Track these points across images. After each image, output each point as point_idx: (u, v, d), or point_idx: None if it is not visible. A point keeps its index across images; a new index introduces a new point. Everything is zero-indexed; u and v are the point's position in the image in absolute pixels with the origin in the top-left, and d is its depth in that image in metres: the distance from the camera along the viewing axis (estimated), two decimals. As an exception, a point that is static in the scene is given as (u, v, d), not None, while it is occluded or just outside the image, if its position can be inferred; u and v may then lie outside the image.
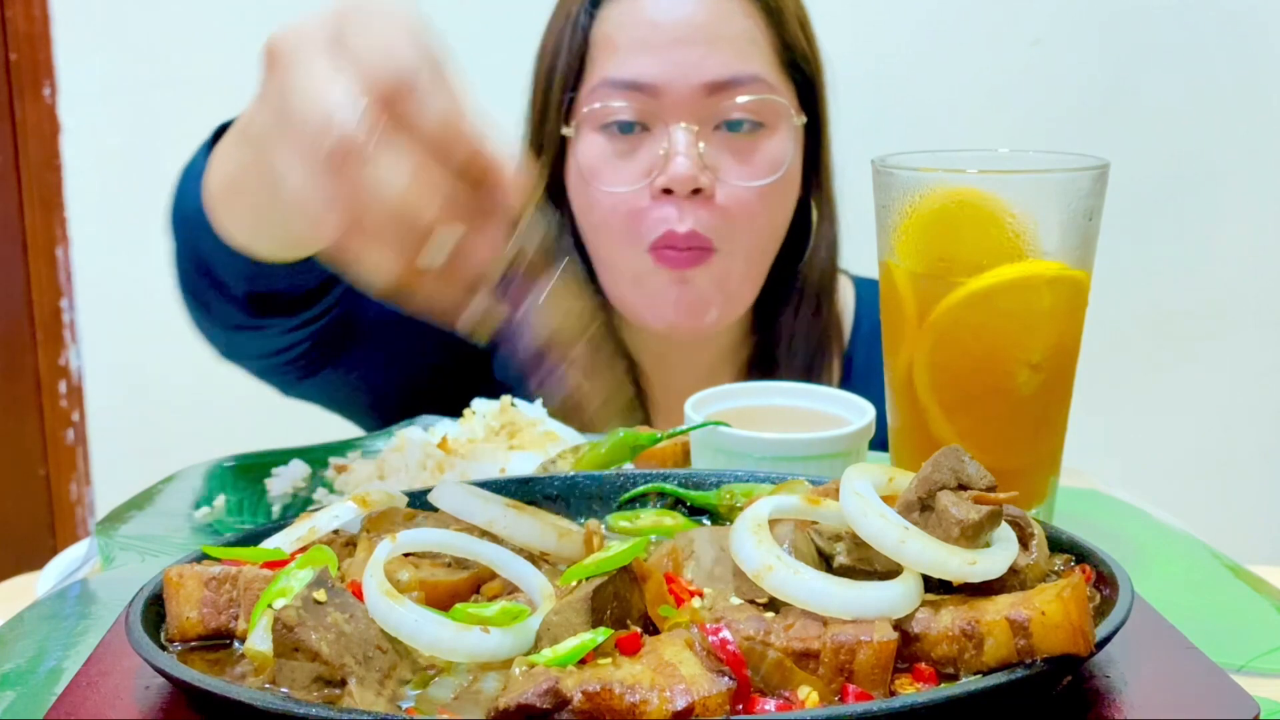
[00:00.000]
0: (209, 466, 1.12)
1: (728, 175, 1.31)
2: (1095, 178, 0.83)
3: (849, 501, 0.60)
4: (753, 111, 1.31)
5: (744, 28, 1.32)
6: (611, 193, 1.32)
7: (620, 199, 1.32)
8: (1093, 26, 2.28)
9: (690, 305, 1.35)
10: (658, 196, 1.30)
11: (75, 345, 2.47)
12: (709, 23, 1.31)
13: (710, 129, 1.31)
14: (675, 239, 1.30)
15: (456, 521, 0.70)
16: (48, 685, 0.70)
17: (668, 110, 1.30)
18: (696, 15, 1.31)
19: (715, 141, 1.32)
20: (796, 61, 1.37)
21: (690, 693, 0.51)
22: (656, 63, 1.29)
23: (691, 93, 1.29)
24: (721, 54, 1.30)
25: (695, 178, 1.28)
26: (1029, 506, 0.87)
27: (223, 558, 0.66)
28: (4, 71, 2.34)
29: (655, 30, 1.30)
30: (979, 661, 0.55)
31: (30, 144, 2.37)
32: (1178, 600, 0.76)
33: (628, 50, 1.31)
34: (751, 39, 1.33)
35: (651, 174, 1.30)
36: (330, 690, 0.55)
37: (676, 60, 1.29)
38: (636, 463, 0.96)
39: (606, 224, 1.34)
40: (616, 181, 1.32)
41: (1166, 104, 2.30)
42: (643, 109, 1.31)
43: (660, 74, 1.29)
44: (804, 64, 1.38)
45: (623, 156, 1.32)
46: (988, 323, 0.84)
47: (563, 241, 1.37)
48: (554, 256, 0.80)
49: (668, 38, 1.30)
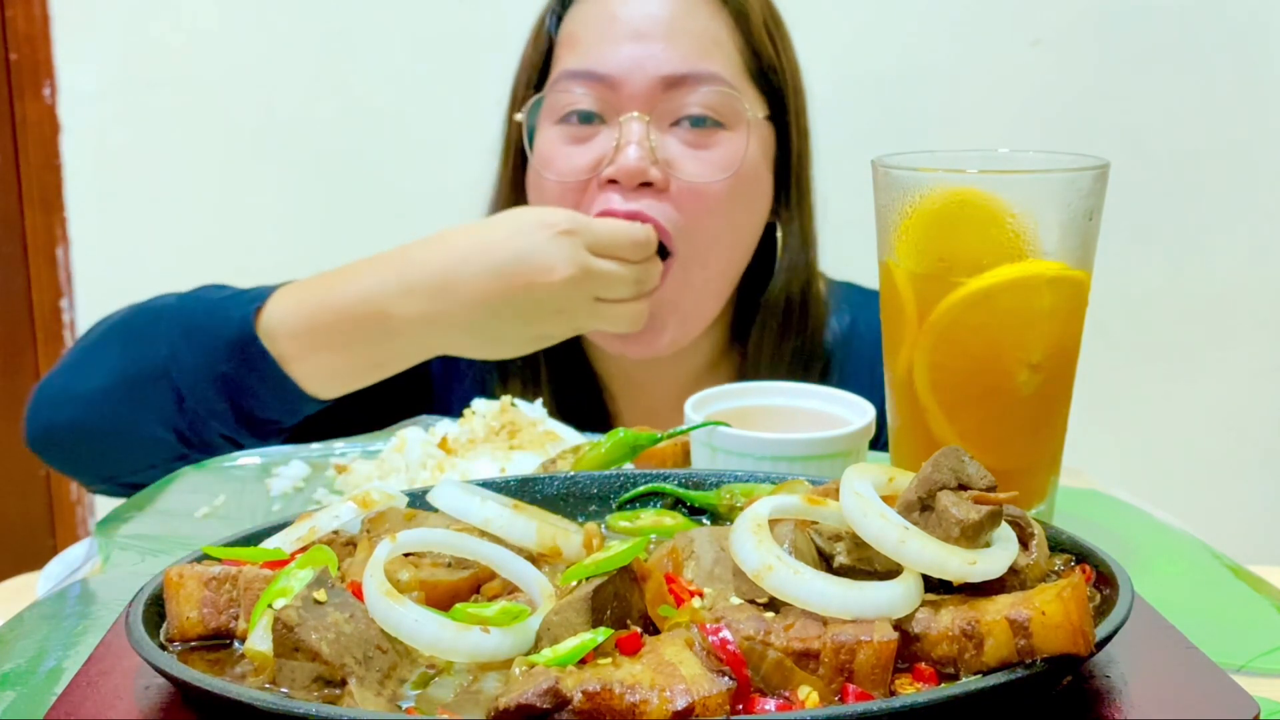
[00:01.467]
0: (209, 466, 1.12)
1: (681, 171, 1.28)
2: (1095, 178, 0.83)
3: (849, 501, 0.60)
4: (710, 108, 1.29)
5: (707, 27, 1.31)
6: (560, 181, 1.31)
7: (567, 188, 1.30)
8: (1093, 27, 2.28)
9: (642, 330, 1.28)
10: (604, 187, 1.28)
11: (75, 345, 2.47)
12: (670, 19, 1.30)
13: (667, 124, 1.29)
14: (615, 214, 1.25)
15: (456, 521, 0.70)
16: (48, 685, 0.70)
17: (624, 102, 1.28)
18: (658, 11, 1.30)
19: (670, 136, 1.29)
20: (764, 70, 1.35)
21: (690, 693, 0.51)
22: (614, 54, 1.29)
23: (648, 85, 1.28)
24: (680, 49, 1.29)
25: (644, 170, 1.26)
26: (1029, 506, 0.87)
27: (223, 558, 0.66)
28: (4, 71, 2.34)
29: (616, 24, 1.30)
30: (979, 661, 0.55)
31: (30, 144, 2.37)
32: (1178, 600, 0.76)
33: (588, 44, 1.31)
34: (715, 39, 1.31)
35: (602, 164, 1.28)
36: (330, 690, 0.55)
37: (634, 53, 1.28)
38: (636, 463, 0.96)
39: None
40: (566, 170, 1.31)
41: (1166, 104, 2.30)
42: (599, 100, 1.30)
43: (617, 65, 1.28)
44: (771, 74, 1.36)
45: (575, 146, 1.31)
46: (988, 323, 0.84)
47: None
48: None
49: (628, 30, 1.29)
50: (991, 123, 2.29)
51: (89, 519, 2.51)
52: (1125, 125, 2.29)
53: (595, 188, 1.29)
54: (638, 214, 1.26)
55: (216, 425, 1.23)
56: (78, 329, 2.45)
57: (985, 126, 2.29)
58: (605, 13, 1.32)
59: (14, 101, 2.35)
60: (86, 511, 2.53)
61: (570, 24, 1.35)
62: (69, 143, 2.37)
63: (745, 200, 1.34)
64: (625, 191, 1.27)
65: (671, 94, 1.28)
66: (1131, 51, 2.28)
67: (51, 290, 2.43)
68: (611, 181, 1.27)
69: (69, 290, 2.44)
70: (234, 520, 1.00)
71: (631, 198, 1.27)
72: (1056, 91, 2.29)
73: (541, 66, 1.37)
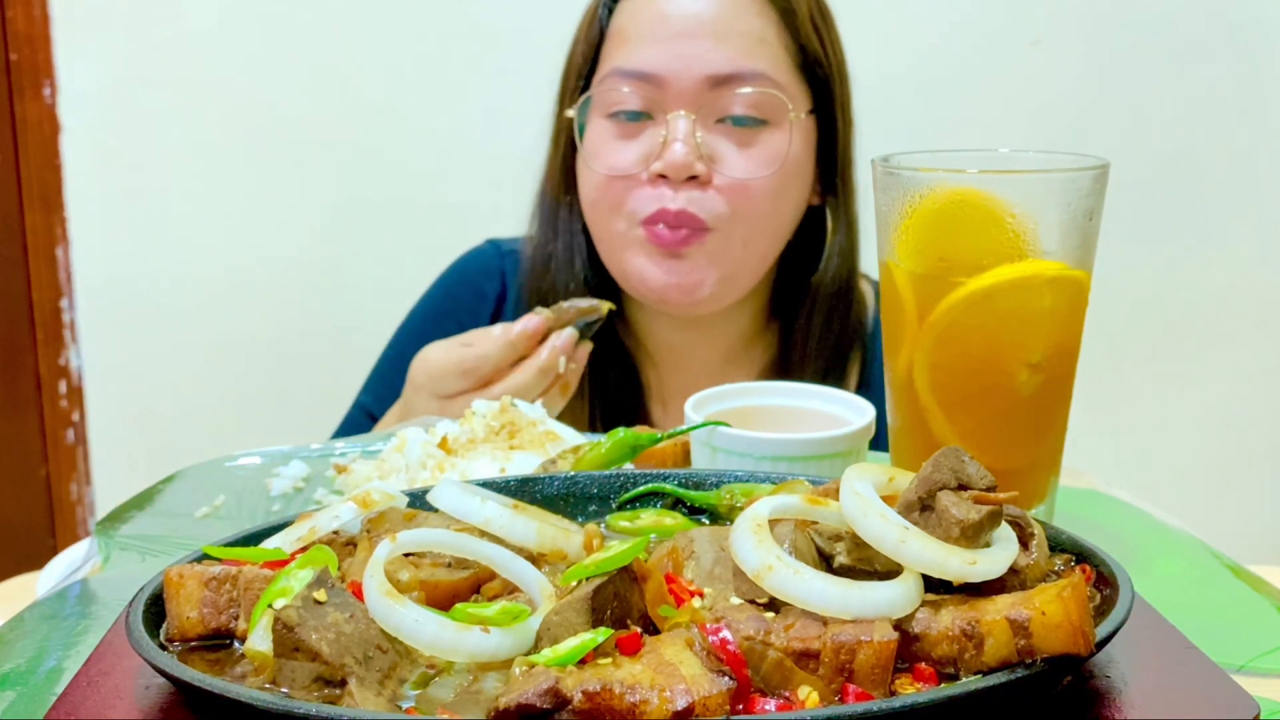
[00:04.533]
0: (209, 466, 1.12)
1: (725, 167, 1.34)
2: (1095, 178, 0.83)
3: (849, 501, 0.60)
4: (754, 106, 1.34)
5: (754, 26, 1.35)
6: (610, 174, 1.36)
7: (618, 180, 1.36)
8: (1093, 27, 2.28)
9: (683, 277, 1.37)
10: (654, 181, 1.34)
11: (75, 345, 2.47)
12: (718, 18, 1.34)
13: (712, 121, 1.34)
14: (667, 215, 1.33)
15: (456, 521, 0.70)
16: (48, 685, 0.70)
17: (670, 100, 1.33)
18: (706, 11, 1.34)
19: (716, 134, 1.34)
20: (810, 63, 1.39)
21: (690, 693, 0.51)
22: (663, 54, 1.33)
23: (694, 84, 1.32)
24: (727, 49, 1.33)
25: (691, 164, 1.31)
26: (1029, 506, 0.87)
27: (223, 558, 0.66)
28: (4, 71, 2.34)
29: (664, 23, 1.34)
30: (979, 661, 0.55)
31: (30, 144, 2.37)
32: (1178, 600, 0.76)
33: (637, 42, 1.35)
34: (761, 38, 1.35)
35: (649, 159, 1.34)
36: (330, 690, 0.55)
37: (682, 52, 1.32)
38: (636, 463, 0.96)
39: (603, 201, 1.38)
40: (616, 163, 1.36)
41: (1166, 104, 2.30)
42: (647, 98, 1.34)
43: (665, 65, 1.32)
44: (818, 66, 1.40)
45: (624, 141, 1.36)
46: (988, 323, 0.84)
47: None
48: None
49: (675, 30, 1.33)
50: (991, 123, 2.29)
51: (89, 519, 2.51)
52: (1125, 125, 2.29)
53: (645, 180, 1.35)
54: (682, 212, 1.33)
55: None
56: (78, 329, 2.45)
57: (985, 126, 2.29)
58: (654, 12, 1.36)
59: (14, 101, 2.35)
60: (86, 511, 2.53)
61: (619, 19, 1.39)
62: (69, 143, 2.37)
63: (787, 191, 1.40)
64: (674, 185, 1.32)
65: (718, 92, 1.33)
66: (1132, 51, 2.28)
67: (51, 290, 2.43)
68: (660, 177, 1.33)
69: (69, 290, 2.44)
70: (234, 520, 1.00)
71: (680, 189, 1.33)
72: (1056, 91, 2.29)
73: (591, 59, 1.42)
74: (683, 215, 1.33)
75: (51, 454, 2.51)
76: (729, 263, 1.38)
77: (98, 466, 2.53)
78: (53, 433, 2.50)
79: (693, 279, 1.37)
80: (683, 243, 1.34)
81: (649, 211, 1.34)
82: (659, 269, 1.37)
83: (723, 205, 1.34)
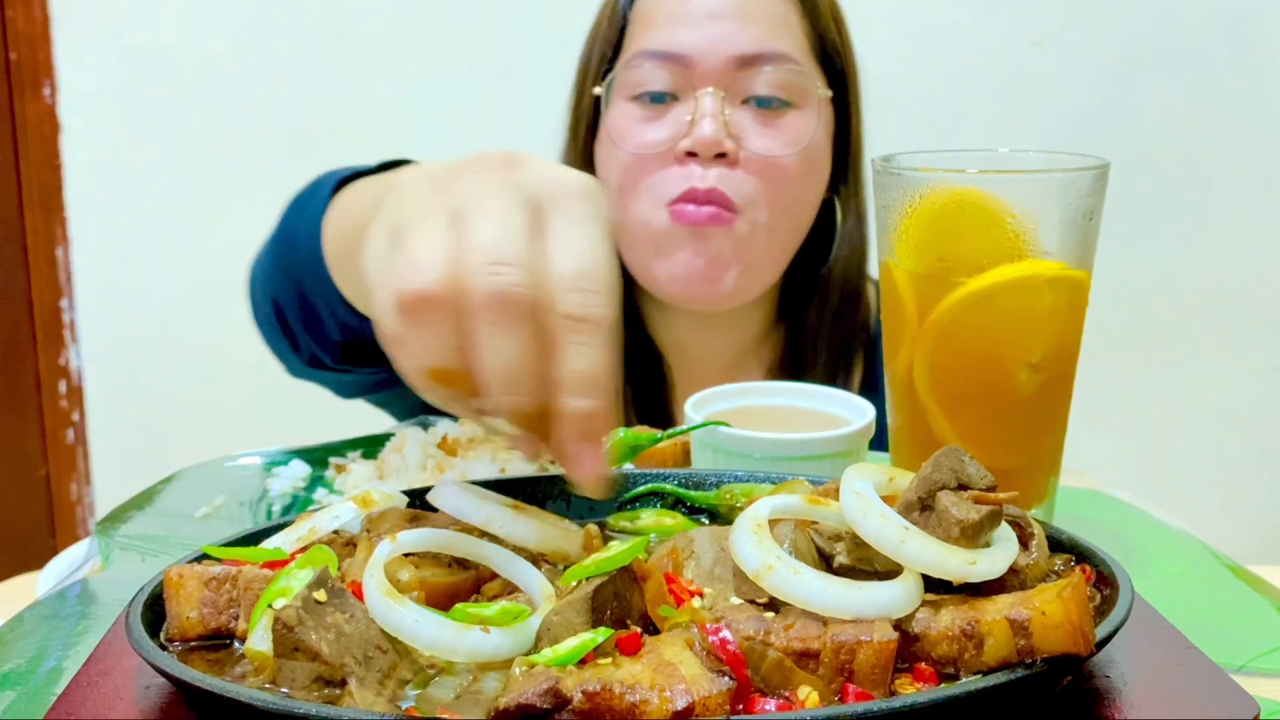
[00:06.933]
0: (209, 466, 1.12)
1: (753, 145, 1.34)
2: (1095, 178, 0.83)
3: (849, 501, 0.60)
4: (780, 86, 1.34)
5: (777, 10, 1.37)
6: (637, 154, 1.36)
7: (645, 160, 1.35)
8: (1093, 27, 2.28)
9: (706, 266, 1.35)
10: (682, 159, 1.34)
11: (75, 345, 2.47)
12: (743, 1, 1.35)
13: (738, 101, 1.35)
14: (696, 194, 1.32)
15: (456, 521, 0.70)
16: (48, 685, 0.70)
17: (698, 80, 1.33)
18: None
19: (742, 114, 1.35)
20: (828, 53, 1.40)
21: (690, 693, 0.51)
22: (689, 34, 1.34)
23: (721, 64, 1.33)
24: (752, 30, 1.34)
25: (720, 140, 1.31)
26: (1029, 506, 0.87)
27: (223, 558, 0.66)
28: (4, 71, 2.34)
29: (690, 5, 1.36)
30: (979, 661, 0.55)
31: (30, 144, 2.37)
32: (1178, 600, 0.76)
33: (663, 23, 1.36)
34: (784, 21, 1.37)
35: (677, 138, 1.33)
36: (330, 690, 0.55)
37: (708, 33, 1.33)
38: (636, 463, 0.96)
39: (629, 184, 1.37)
40: (644, 144, 1.36)
41: (1166, 104, 2.30)
42: (674, 79, 1.35)
43: (692, 45, 1.33)
44: (835, 56, 1.41)
45: (651, 121, 1.36)
46: (988, 323, 0.84)
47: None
48: None
49: (702, 12, 1.35)
50: (991, 123, 2.29)
51: (89, 519, 2.51)
52: (1125, 125, 2.29)
53: (670, 160, 1.34)
54: (712, 190, 1.32)
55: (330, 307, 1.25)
56: (78, 329, 2.45)
57: (985, 126, 2.29)
58: None
59: (14, 101, 2.35)
60: (86, 511, 2.53)
61: (643, 6, 1.40)
62: (69, 143, 2.37)
63: (811, 175, 1.40)
64: (703, 162, 1.32)
65: (744, 73, 1.33)
66: (1132, 51, 2.29)
67: (51, 290, 2.43)
68: (689, 155, 1.33)
69: (69, 290, 2.44)
70: (234, 520, 1.00)
71: (709, 167, 1.32)
72: (1056, 91, 2.29)
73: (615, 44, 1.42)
74: (713, 193, 1.32)
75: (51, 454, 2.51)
76: (752, 252, 1.37)
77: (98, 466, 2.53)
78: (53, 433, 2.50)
79: (716, 265, 1.36)
80: (709, 220, 1.33)
81: (677, 191, 1.33)
82: (684, 251, 1.35)
83: (750, 186, 1.34)
